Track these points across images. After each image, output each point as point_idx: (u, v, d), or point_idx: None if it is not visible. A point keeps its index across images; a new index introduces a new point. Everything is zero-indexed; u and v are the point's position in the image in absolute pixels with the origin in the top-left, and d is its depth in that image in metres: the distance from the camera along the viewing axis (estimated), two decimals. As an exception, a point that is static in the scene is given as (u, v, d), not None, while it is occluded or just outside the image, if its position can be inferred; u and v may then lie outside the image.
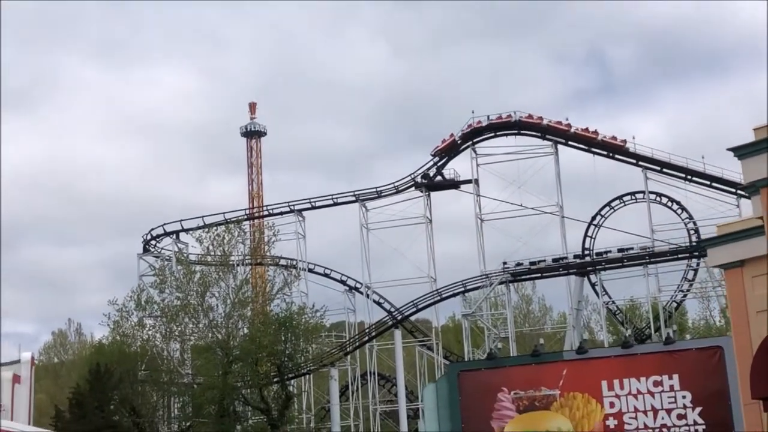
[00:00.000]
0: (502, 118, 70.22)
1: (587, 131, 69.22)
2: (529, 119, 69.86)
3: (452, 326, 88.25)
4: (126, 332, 60.74)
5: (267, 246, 68.57)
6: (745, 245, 18.24)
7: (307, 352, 63.42)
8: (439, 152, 71.78)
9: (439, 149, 71.70)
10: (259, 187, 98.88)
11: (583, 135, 68.89)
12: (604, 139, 68.71)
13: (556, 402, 25.69)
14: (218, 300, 60.87)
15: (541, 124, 69.49)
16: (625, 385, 25.48)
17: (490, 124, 70.40)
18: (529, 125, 69.84)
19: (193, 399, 58.83)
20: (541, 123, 69.43)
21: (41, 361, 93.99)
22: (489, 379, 26.72)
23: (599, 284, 68.18)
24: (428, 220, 72.49)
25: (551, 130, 69.33)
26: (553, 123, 69.56)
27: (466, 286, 68.51)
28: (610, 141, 68.72)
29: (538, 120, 69.63)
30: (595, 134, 69.03)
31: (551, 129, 69.28)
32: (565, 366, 26.31)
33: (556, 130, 69.25)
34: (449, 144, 71.38)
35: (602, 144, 68.77)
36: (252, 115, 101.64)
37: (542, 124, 69.44)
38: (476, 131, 70.66)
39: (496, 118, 70.44)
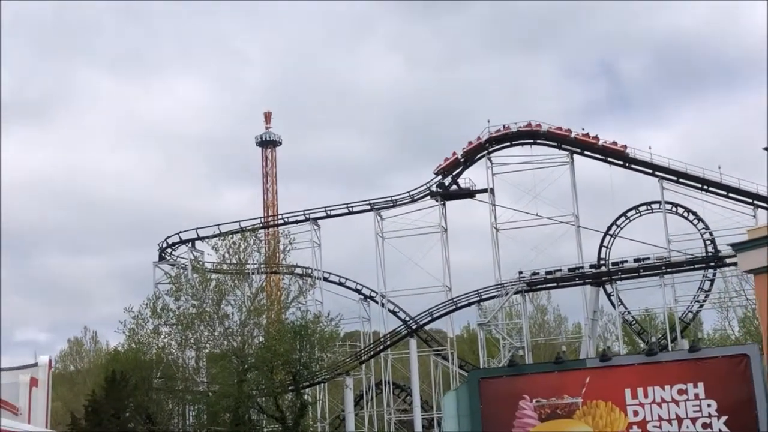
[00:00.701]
0: (521, 128, 70.12)
1: (588, 136, 69.17)
2: (538, 128, 69.75)
3: (467, 336, 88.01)
4: (141, 340, 60.76)
5: (282, 254, 68.62)
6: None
7: (322, 360, 63.33)
8: (450, 165, 71.64)
9: (448, 162, 71.55)
10: (274, 196, 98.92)
11: (583, 140, 68.84)
12: (604, 145, 68.63)
13: (579, 410, 25.42)
14: (234, 308, 60.82)
15: (557, 135, 69.36)
16: (649, 393, 25.18)
17: (506, 133, 70.30)
18: (545, 134, 69.71)
19: (208, 407, 58.75)
20: (561, 133, 69.24)
21: (57, 368, 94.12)
22: (510, 386, 26.47)
23: (615, 294, 67.92)
24: (443, 229, 72.35)
25: (558, 137, 69.17)
26: (553, 128, 69.43)
27: (481, 296, 68.34)
28: (610, 146, 68.66)
29: (562, 130, 69.45)
30: (595, 139, 68.93)
31: (552, 135, 69.15)
32: (588, 373, 26.04)
33: (557, 135, 69.10)
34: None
35: (602, 149, 68.64)
36: (267, 124, 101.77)
37: (554, 132, 69.28)
38: (492, 140, 70.58)
39: (512, 127, 70.33)
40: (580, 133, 69.28)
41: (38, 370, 15.32)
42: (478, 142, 70.75)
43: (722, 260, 65.06)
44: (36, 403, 15.35)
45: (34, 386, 15.32)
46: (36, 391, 15.45)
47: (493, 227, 70.29)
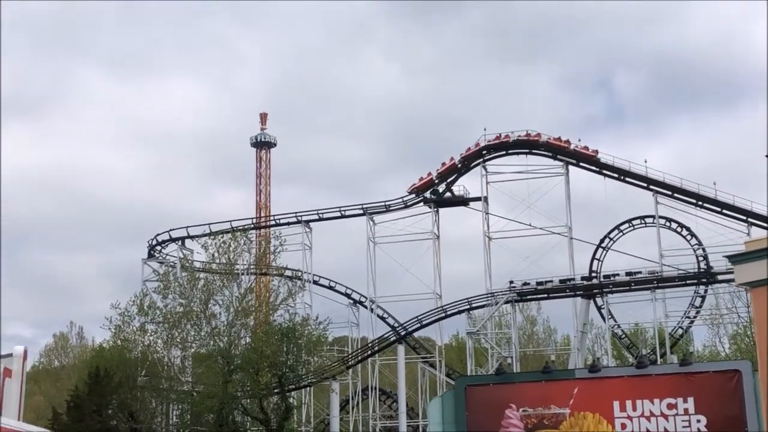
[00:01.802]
0: (520, 137, 69.83)
1: (559, 140, 68.96)
2: (537, 138, 69.47)
3: (455, 344, 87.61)
4: (127, 337, 60.30)
5: (272, 255, 68.20)
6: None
7: (309, 364, 62.89)
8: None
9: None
10: (267, 198, 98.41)
11: (555, 144, 68.64)
12: (576, 149, 68.41)
13: (566, 421, 25.04)
14: (221, 308, 60.38)
15: (556, 146, 69.11)
16: (638, 407, 24.81)
17: (502, 142, 69.99)
18: (544, 144, 69.45)
19: (192, 407, 58.29)
20: (561, 144, 69.00)
21: (42, 363, 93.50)
22: (497, 394, 26.07)
23: (605, 307, 67.58)
24: (436, 236, 71.98)
25: (557, 148, 68.98)
26: (552, 139, 69.14)
27: (471, 304, 67.96)
28: (581, 151, 68.44)
29: (561, 141, 69.20)
30: (567, 144, 68.72)
31: (551, 146, 68.98)
32: (576, 384, 25.65)
33: (555, 146, 68.86)
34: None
35: (575, 154, 68.39)
36: (263, 125, 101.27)
37: (553, 143, 69.06)
38: (488, 148, 70.28)
39: (504, 137, 70.07)
40: (579, 145, 68.99)
41: (12, 360, 14.90)
42: (451, 163, 70.52)
43: (715, 276, 64.80)
44: (9, 395, 14.89)
45: (7, 377, 14.88)
46: (9, 382, 15.00)
47: (486, 236, 69.93)
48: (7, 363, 15.60)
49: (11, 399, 15.45)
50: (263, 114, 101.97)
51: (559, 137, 69.72)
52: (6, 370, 15.47)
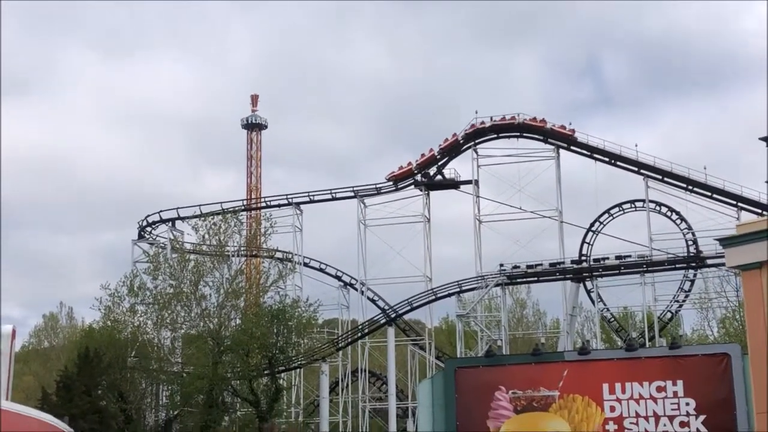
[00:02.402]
0: (506, 120, 69.77)
1: (535, 120, 68.98)
2: (533, 122, 69.44)
3: (445, 327, 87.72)
4: (117, 318, 60.27)
5: (263, 237, 68.14)
6: (765, 246, 17.69)
7: (299, 345, 62.99)
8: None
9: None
10: (258, 180, 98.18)
11: (531, 124, 68.64)
12: (552, 128, 68.41)
13: (555, 403, 25.09)
14: (212, 289, 60.41)
15: (533, 126, 69.12)
16: (627, 389, 24.86)
17: (493, 125, 69.93)
18: (519, 126, 69.41)
19: (182, 388, 58.31)
20: (536, 124, 69.05)
21: (31, 344, 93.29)
22: (487, 377, 26.11)
23: (595, 291, 67.74)
24: (426, 219, 71.97)
25: (534, 129, 69.03)
26: (528, 120, 69.14)
27: (461, 287, 67.99)
28: (558, 129, 68.47)
29: (537, 122, 69.24)
30: (543, 123, 68.69)
31: (528, 126, 69.03)
32: (565, 367, 25.71)
33: (534, 127, 68.68)
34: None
35: (551, 133, 68.58)
36: (254, 107, 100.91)
37: (545, 127, 69.04)
38: (479, 132, 70.21)
39: (499, 120, 70.01)
40: (556, 124, 68.92)
41: (0, 339, 14.80)
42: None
43: (704, 261, 65.00)
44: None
45: (-7, 357, 14.80)
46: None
47: (476, 219, 69.94)
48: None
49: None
50: (254, 95, 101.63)
51: (534, 117, 69.60)
52: (-7, 349, 15.38)
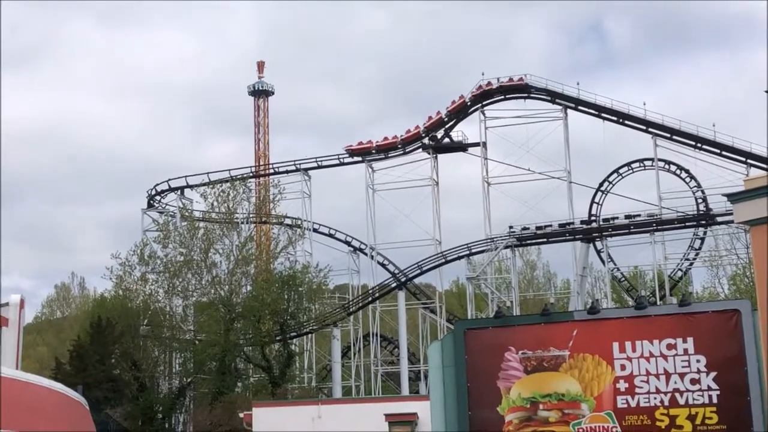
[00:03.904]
0: (513, 81, 69.40)
1: (512, 80, 68.67)
2: (489, 87, 69.11)
3: (456, 290, 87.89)
4: (129, 287, 60.62)
5: (272, 204, 68.22)
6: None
7: (310, 311, 63.30)
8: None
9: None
10: (266, 146, 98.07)
11: (509, 84, 68.70)
12: (502, 84, 68.75)
13: (566, 363, 25.06)
14: (222, 256, 60.74)
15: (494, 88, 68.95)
16: (637, 348, 24.80)
17: (500, 86, 69.57)
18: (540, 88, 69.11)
19: (195, 355, 58.74)
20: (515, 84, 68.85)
21: (44, 314, 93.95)
22: (496, 337, 26.09)
23: (605, 251, 67.61)
24: (435, 183, 71.83)
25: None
26: (505, 82, 68.93)
27: (471, 250, 67.92)
28: (507, 83, 68.68)
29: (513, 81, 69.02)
30: (521, 80, 68.67)
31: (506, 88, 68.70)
32: (575, 326, 25.65)
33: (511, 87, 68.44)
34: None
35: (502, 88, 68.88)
36: (260, 74, 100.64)
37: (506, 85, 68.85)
38: (486, 94, 69.86)
39: (506, 81, 69.64)
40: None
41: (9, 309, 14.83)
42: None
43: (713, 218, 64.75)
44: (6, 344, 14.85)
45: (4, 326, 14.83)
46: (6, 332, 14.94)
47: (485, 181, 69.76)
48: (3, 312, 15.52)
49: (8, 348, 15.39)
50: (260, 62, 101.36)
51: (511, 78, 69.15)
52: (3, 319, 15.39)
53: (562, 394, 25.32)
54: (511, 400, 25.61)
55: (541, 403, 25.51)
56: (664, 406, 24.76)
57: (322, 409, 41.32)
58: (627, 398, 24.91)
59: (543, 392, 25.52)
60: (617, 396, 25.01)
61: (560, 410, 25.41)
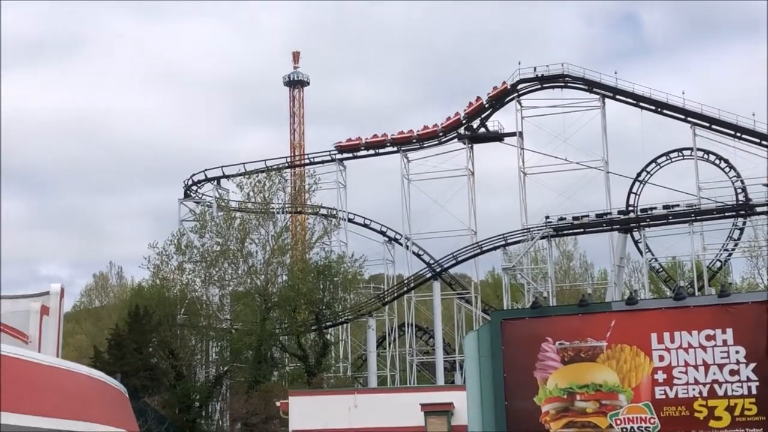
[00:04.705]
0: (550, 71, 68.99)
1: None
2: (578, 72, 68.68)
3: (491, 281, 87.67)
4: (166, 276, 61.04)
5: (307, 194, 68.41)
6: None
7: (345, 301, 63.41)
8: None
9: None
10: (301, 137, 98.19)
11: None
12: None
13: (603, 354, 24.85)
14: (258, 246, 61.00)
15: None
16: (676, 339, 24.52)
17: (537, 75, 69.19)
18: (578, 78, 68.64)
19: (231, 344, 59.06)
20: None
21: (83, 303, 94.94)
22: (533, 328, 25.90)
23: (642, 241, 67.12)
24: (470, 173, 71.63)
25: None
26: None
27: (507, 240, 67.75)
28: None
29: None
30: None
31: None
32: (613, 317, 25.40)
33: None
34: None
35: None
36: (295, 64, 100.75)
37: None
38: (522, 83, 69.52)
39: (543, 71, 69.26)
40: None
41: (50, 298, 15.06)
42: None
43: (753, 208, 64.12)
44: (47, 332, 15.07)
45: (45, 315, 15.05)
46: (47, 320, 15.17)
47: (521, 171, 69.47)
48: (44, 301, 15.75)
49: (49, 336, 15.62)
50: (296, 52, 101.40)
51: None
52: (43, 307, 15.62)
53: (599, 385, 25.15)
54: (548, 391, 25.47)
55: (579, 394, 25.35)
56: (702, 398, 24.50)
57: (358, 398, 41.40)
58: (665, 389, 24.68)
59: (580, 383, 25.35)
60: (655, 387, 24.78)
61: (598, 401, 25.24)
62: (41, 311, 15.53)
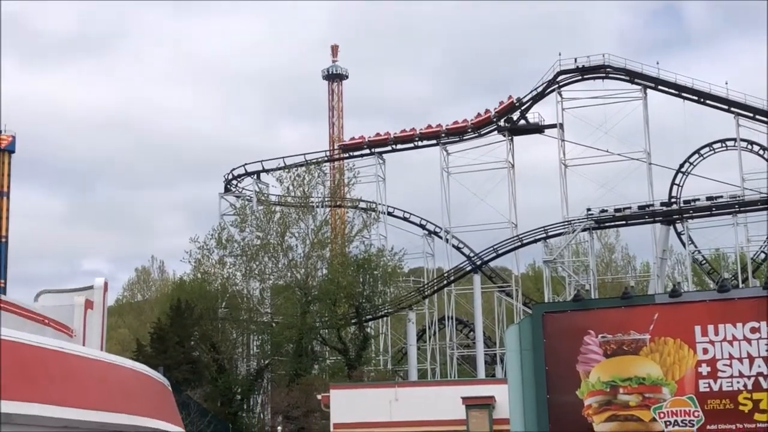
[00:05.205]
0: (591, 61, 68.46)
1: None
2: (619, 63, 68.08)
3: (532, 274, 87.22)
4: (207, 270, 61.46)
5: (346, 188, 68.48)
6: None
7: (385, 294, 63.41)
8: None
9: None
10: (340, 130, 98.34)
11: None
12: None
13: (646, 347, 24.61)
14: (298, 240, 61.21)
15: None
16: (720, 331, 24.23)
17: (577, 67, 68.67)
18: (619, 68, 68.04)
19: (272, 338, 59.38)
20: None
21: (125, 297, 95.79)
22: (575, 321, 25.71)
23: (685, 233, 66.46)
24: (510, 165, 71.28)
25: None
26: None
27: (547, 233, 67.38)
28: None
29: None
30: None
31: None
32: (656, 310, 25.15)
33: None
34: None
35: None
36: (334, 58, 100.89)
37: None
38: (563, 74, 69.03)
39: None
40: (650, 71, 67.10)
41: (94, 292, 15.24)
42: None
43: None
44: (91, 326, 15.25)
45: (89, 309, 15.22)
46: (91, 314, 15.34)
47: (562, 163, 68.98)
48: (88, 295, 15.92)
49: (93, 330, 15.78)
50: (334, 46, 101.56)
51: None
52: (87, 302, 15.78)
53: (642, 378, 24.94)
54: (591, 384, 25.30)
55: (621, 387, 25.15)
56: (747, 390, 24.21)
57: (399, 392, 41.42)
58: (709, 382, 24.43)
59: (623, 376, 25.15)
60: (699, 380, 24.54)
61: (641, 394, 25.03)
62: (85, 305, 15.69)
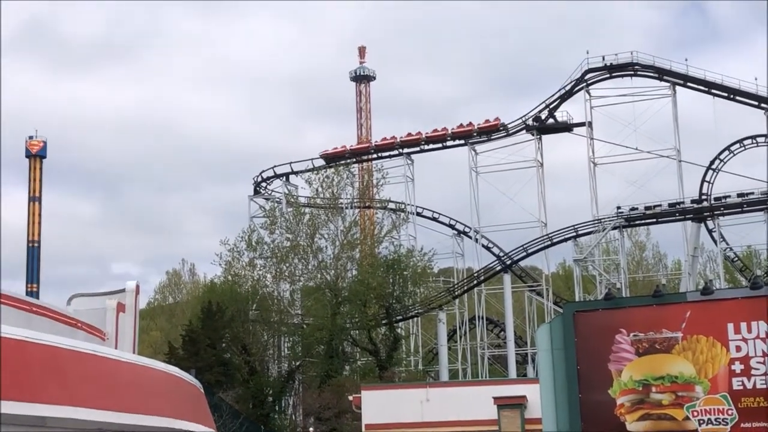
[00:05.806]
0: (619, 59, 68.10)
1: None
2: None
3: (562, 273, 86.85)
4: (237, 272, 61.73)
5: (375, 189, 68.54)
6: None
7: (415, 295, 63.40)
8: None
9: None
10: (368, 131, 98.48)
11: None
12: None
13: (679, 345, 24.45)
14: (327, 241, 61.36)
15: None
16: (753, 328, 24.03)
17: (605, 65, 68.33)
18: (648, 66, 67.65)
19: (303, 339, 59.57)
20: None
21: (156, 300, 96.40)
22: (606, 320, 25.59)
23: (717, 230, 65.93)
24: (539, 164, 71.04)
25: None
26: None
27: (577, 231, 67.07)
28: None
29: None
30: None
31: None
32: (688, 308, 24.99)
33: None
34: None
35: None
36: (361, 59, 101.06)
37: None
38: (591, 72, 68.72)
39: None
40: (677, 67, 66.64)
41: (125, 295, 15.35)
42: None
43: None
44: (123, 329, 15.37)
45: (121, 312, 15.35)
46: (123, 317, 15.47)
47: (591, 161, 68.65)
48: (120, 298, 16.06)
49: (125, 333, 15.91)
50: (361, 47, 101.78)
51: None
52: (119, 305, 15.91)
53: (675, 377, 24.78)
54: (623, 383, 25.18)
55: (654, 386, 25.01)
56: (782, 388, 24.08)
57: (431, 392, 41.40)
58: (743, 380, 24.24)
59: (655, 374, 25.01)
60: (732, 378, 24.35)
61: (674, 393, 24.88)
62: (117, 308, 15.82)
